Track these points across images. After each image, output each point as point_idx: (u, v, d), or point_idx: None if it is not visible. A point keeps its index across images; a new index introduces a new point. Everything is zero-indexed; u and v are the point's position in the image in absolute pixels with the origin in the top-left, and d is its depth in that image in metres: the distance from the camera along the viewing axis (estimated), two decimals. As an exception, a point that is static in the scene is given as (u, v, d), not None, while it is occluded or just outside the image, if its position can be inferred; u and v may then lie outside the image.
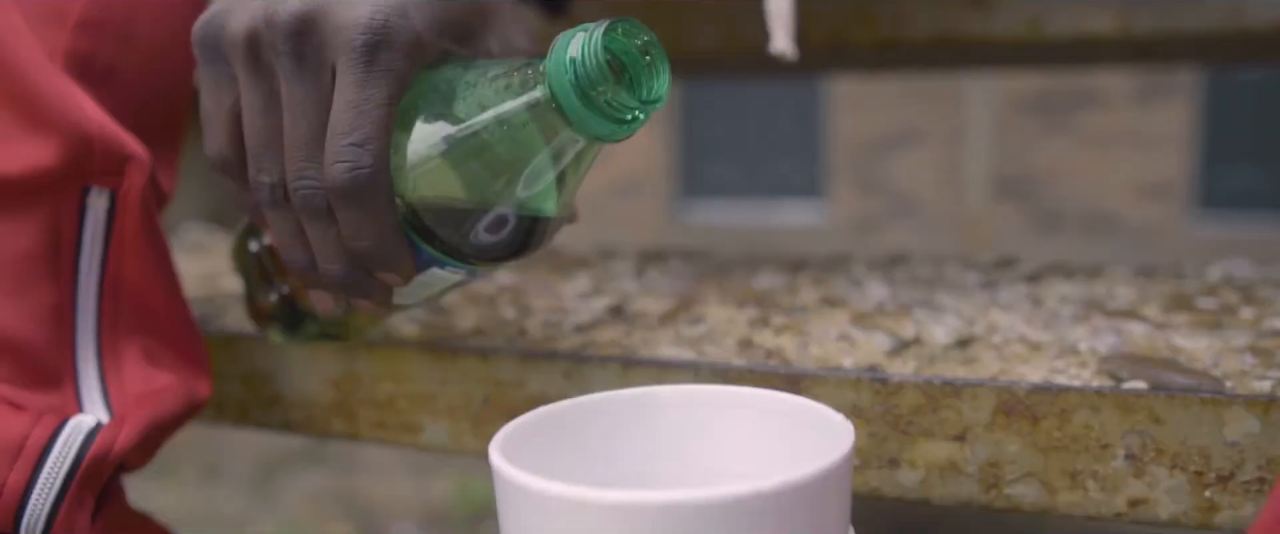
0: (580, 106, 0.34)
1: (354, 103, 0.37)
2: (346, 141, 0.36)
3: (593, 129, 0.35)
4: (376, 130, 0.37)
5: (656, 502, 0.26)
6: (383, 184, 0.37)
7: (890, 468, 0.43)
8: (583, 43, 0.34)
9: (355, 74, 0.37)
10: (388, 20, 0.37)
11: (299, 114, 0.38)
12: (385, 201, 0.38)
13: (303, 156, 0.38)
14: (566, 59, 0.34)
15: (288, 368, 0.53)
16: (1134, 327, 0.49)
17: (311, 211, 0.39)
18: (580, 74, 0.34)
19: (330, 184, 0.37)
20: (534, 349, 0.48)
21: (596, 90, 0.34)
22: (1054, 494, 0.41)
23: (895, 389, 0.42)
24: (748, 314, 0.53)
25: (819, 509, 0.28)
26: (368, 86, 0.37)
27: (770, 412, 0.35)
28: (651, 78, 0.36)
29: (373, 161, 0.37)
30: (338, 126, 0.37)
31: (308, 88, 0.38)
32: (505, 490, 0.29)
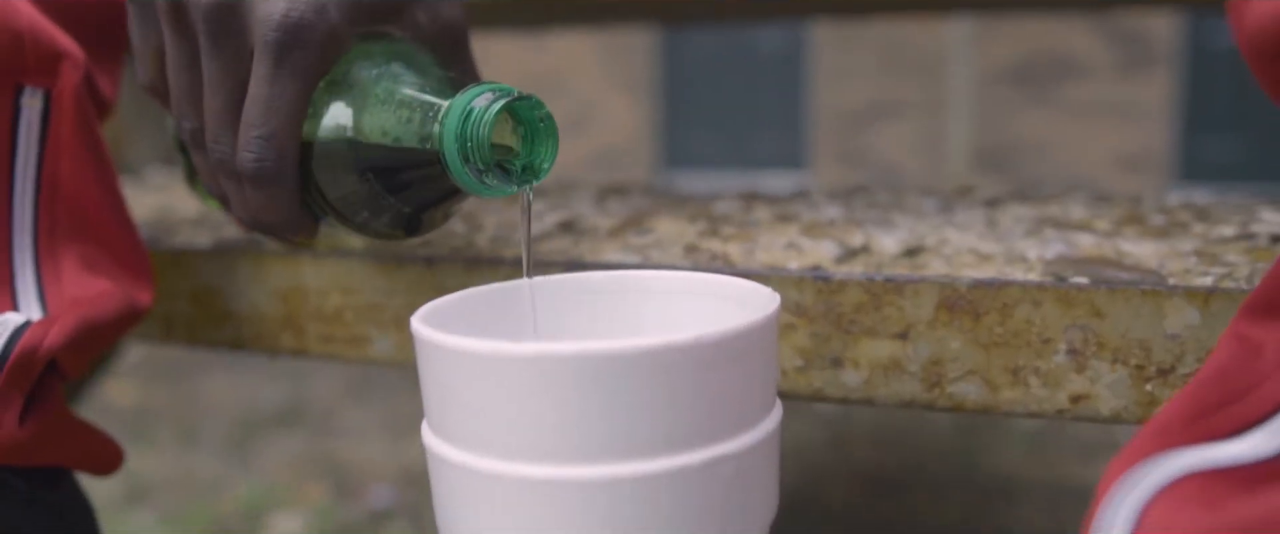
0: (461, 170, 0.35)
1: (264, 97, 0.38)
2: (255, 133, 0.38)
3: (470, 188, 0.36)
4: (284, 125, 0.38)
5: (568, 352, 0.26)
6: (288, 174, 0.39)
7: (833, 368, 0.42)
8: (475, 115, 0.35)
9: (267, 69, 0.38)
10: (303, 18, 0.38)
11: (215, 88, 0.39)
12: (289, 188, 0.40)
13: (217, 126, 0.40)
14: (457, 125, 0.35)
15: (236, 283, 0.52)
16: (1083, 237, 0.49)
17: (224, 173, 0.41)
18: (468, 146, 0.35)
19: (239, 167, 0.39)
20: (477, 255, 0.47)
21: (477, 162, 0.35)
22: (996, 391, 0.41)
23: (838, 287, 0.42)
24: (698, 227, 0.53)
25: (735, 369, 0.28)
26: (278, 83, 0.38)
27: (701, 293, 0.35)
28: (538, 150, 0.36)
29: (278, 156, 0.39)
30: (248, 117, 0.38)
31: (224, 67, 0.39)
32: (425, 356, 0.29)
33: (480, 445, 0.28)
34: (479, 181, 0.35)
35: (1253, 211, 0.56)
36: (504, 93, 0.35)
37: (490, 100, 0.34)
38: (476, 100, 0.35)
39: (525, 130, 0.36)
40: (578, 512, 0.27)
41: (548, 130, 0.36)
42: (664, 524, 0.27)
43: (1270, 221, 0.52)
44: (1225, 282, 0.39)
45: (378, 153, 0.38)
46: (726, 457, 0.28)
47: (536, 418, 0.27)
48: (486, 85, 0.35)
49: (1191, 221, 0.53)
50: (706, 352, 0.27)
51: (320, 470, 1.83)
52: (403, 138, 0.37)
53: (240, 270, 0.52)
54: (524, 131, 0.36)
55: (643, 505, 0.27)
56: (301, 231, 0.42)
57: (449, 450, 0.29)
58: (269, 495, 1.72)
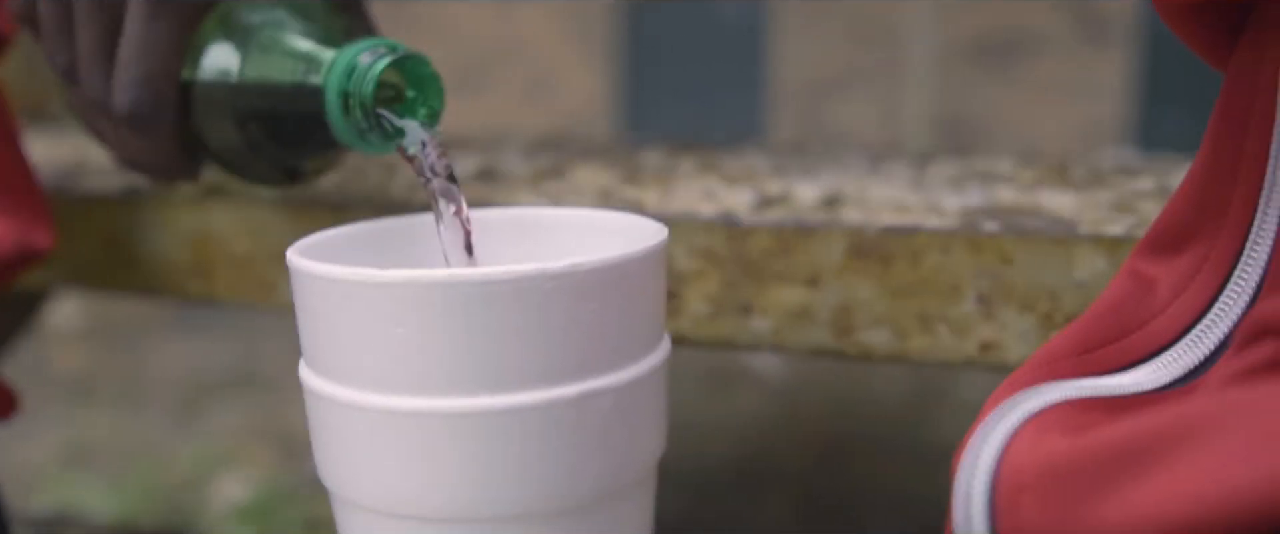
0: (343, 125, 0.34)
1: (140, 37, 0.36)
2: (130, 75, 0.37)
3: (351, 143, 0.35)
4: (161, 67, 0.37)
5: (436, 279, 0.25)
6: (165, 118, 0.38)
7: (742, 315, 0.42)
8: (360, 71, 0.33)
9: (143, 7, 0.36)
10: None
11: (86, 23, 0.38)
12: (167, 132, 0.38)
13: (89, 63, 0.38)
14: (340, 80, 0.34)
15: (145, 229, 0.51)
16: (1003, 189, 0.48)
17: (97, 112, 0.39)
18: (350, 102, 0.33)
19: (114, 110, 0.37)
20: (392, 199, 0.46)
21: (359, 119, 0.34)
22: (906, 339, 0.41)
23: (747, 233, 0.41)
24: (616, 175, 0.52)
25: (613, 301, 0.27)
26: (155, 21, 0.36)
27: (591, 229, 0.34)
28: (424, 106, 0.35)
29: (155, 99, 0.37)
30: (123, 57, 0.37)
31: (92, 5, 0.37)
32: (296, 285, 0.28)
33: (349, 377, 0.27)
34: (360, 138, 0.34)
35: (1175, 166, 0.55)
36: (390, 49, 0.34)
37: (375, 56, 0.33)
38: (362, 55, 0.33)
39: (413, 87, 0.35)
40: (448, 445, 0.26)
41: (434, 88, 0.34)
42: (537, 458, 0.27)
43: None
44: (1136, 230, 0.39)
45: (259, 101, 0.36)
46: (603, 390, 0.27)
47: (403, 347, 0.26)
48: (373, 40, 0.34)
49: (1114, 176, 0.53)
50: (581, 280, 0.26)
51: (268, 435, 1.81)
52: (285, 88, 0.35)
53: (149, 216, 0.51)
54: (411, 88, 0.35)
55: (514, 439, 0.26)
56: (180, 175, 0.41)
57: (319, 383, 0.28)
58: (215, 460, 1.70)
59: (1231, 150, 0.26)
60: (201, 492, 1.57)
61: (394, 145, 0.34)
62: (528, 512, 0.27)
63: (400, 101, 0.34)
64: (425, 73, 0.34)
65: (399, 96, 0.34)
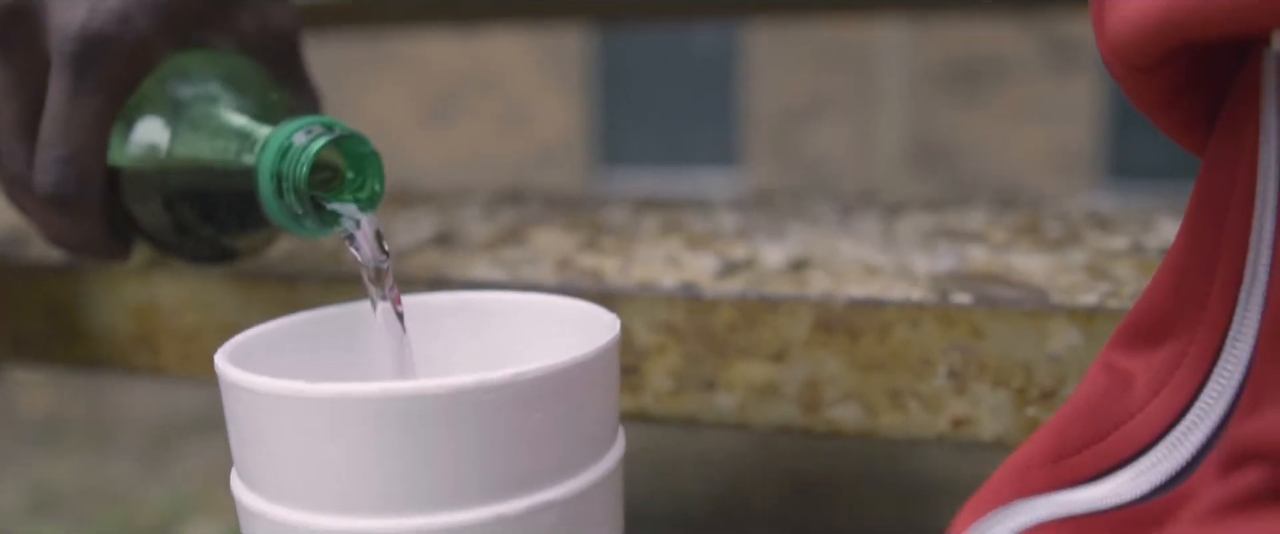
0: (276, 208, 0.32)
1: (63, 114, 0.34)
2: (53, 155, 0.34)
3: (286, 226, 0.33)
4: (86, 146, 0.35)
5: (368, 393, 0.23)
6: (91, 198, 0.36)
7: (707, 391, 0.40)
8: (293, 152, 0.31)
9: (66, 83, 0.34)
10: (103, 28, 0.34)
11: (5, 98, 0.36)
12: (93, 213, 0.36)
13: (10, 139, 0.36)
14: (273, 161, 0.31)
15: (89, 300, 0.49)
16: (975, 249, 0.47)
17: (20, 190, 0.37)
18: (283, 185, 0.31)
19: (36, 190, 0.35)
20: (341, 272, 0.45)
21: (293, 203, 0.31)
22: (876, 415, 0.39)
23: (710, 306, 0.40)
24: (577, 239, 0.50)
25: (560, 409, 0.25)
26: (78, 98, 0.34)
27: (541, 316, 0.33)
28: (364, 188, 0.33)
29: (79, 180, 0.35)
30: (46, 136, 0.35)
31: (14, 76, 0.35)
32: (225, 395, 0.26)
33: (280, 493, 0.25)
34: (295, 221, 0.32)
35: (1151, 220, 0.54)
36: (326, 127, 0.32)
37: (310, 135, 0.31)
38: (296, 135, 0.31)
39: (351, 167, 0.33)
40: (384, 568, 0.24)
41: (374, 168, 0.32)
42: (482, 580, 0.25)
43: (1164, 233, 0.50)
44: (1110, 299, 0.38)
45: (190, 181, 0.34)
46: (550, 504, 0.25)
47: (336, 465, 0.24)
48: (310, 118, 0.32)
49: (1088, 231, 0.52)
50: (525, 390, 0.24)
51: (238, 478, 1.78)
52: (216, 168, 0.33)
53: (93, 287, 0.49)
54: (350, 168, 0.33)
55: (457, 560, 0.24)
56: (109, 255, 0.39)
57: (252, 499, 0.26)
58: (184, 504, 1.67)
59: (1209, 240, 0.25)
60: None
61: (326, 229, 0.32)
62: (472, 635, 0.25)
63: (338, 183, 0.32)
64: (364, 152, 0.32)
65: (337, 177, 0.32)
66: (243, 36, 0.38)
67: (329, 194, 0.32)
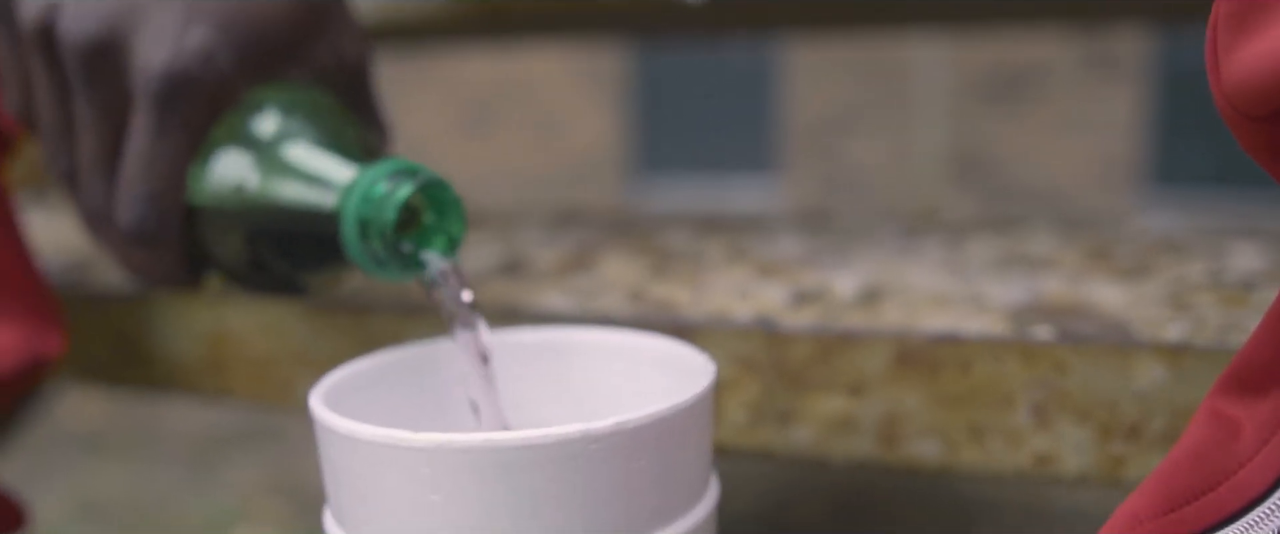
0: (360, 253, 0.32)
1: (147, 152, 0.35)
2: (136, 192, 0.35)
3: (367, 270, 0.33)
4: (167, 183, 0.35)
5: (471, 443, 0.23)
6: (170, 234, 0.36)
7: (782, 424, 0.40)
8: (378, 199, 0.31)
9: (149, 122, 0.34)
10: (188, 69, 0.34)
11: (88, 132, 0.36)
12: (171, 245, 0.37)
13: (91, 173, 0.36)
14: (358, 206, 0.32)
15: (158, 328, 0.49)
16: (1048, 278, 0.47)
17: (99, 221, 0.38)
18: (369, 231, 0.31)
19: (119, 224, 0.36)
20: (413, 304, 0.45)
21: (378, 249, 0.32)
22: (956, 451, 0.39)
23: (787, 340, 0.39)
24: (645, 266, 0.50)
25: (661, 456, 0.25)
26: (162, 138, 0.34)
27: (634, 357, 0.32)
28: (444, 231, 0.33)
29: (160, 216, 0.35)
30: (129, 173, 0.35)
31: (97, 113, 0.35)
32: (321, 437, 0.26)
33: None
34: (376, 265, 0.32)
35: (1222, 245, 0.54)
36: (410, 173, 0.32)
37: (396, 183, 0.31)
38: (382, 182, 0.31)
39: (432, 211, 0.33)
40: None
41: (455, 214, 0.32)
42: (582, 629, 0.25)
43: (1238, 259, 0.50)
44: (1196, 336, 0.37)
45: (270, 219, 0.34)
46: (653, 552, 0.25)
47: (439, 513, 0.24)
48: (394, 163, 0.32)
49: (1160, 257, 0.51)
50: (628, 439, 0.24)
51: (281, 489, 1.79)
52: (299, 209, 0.33)
53: (162, 315, 0.49)
54: (430, 212, 0.33)
55: (558, 609, 0.24)
56: (182, 285, 0.39)
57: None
58: (227, 515, 1.68)
59: None
60: (216, 552, 1.55)
61: (410, 273, 0.32)
62: None
63: (417, 225, 0.32)
64: (447, 198, 0.32)
65: (415, 219, 0.32)
66: (317, 70, 0.39)
67: (409, 236, 0.32)
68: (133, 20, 0.34)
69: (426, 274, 0.31)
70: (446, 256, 0.32)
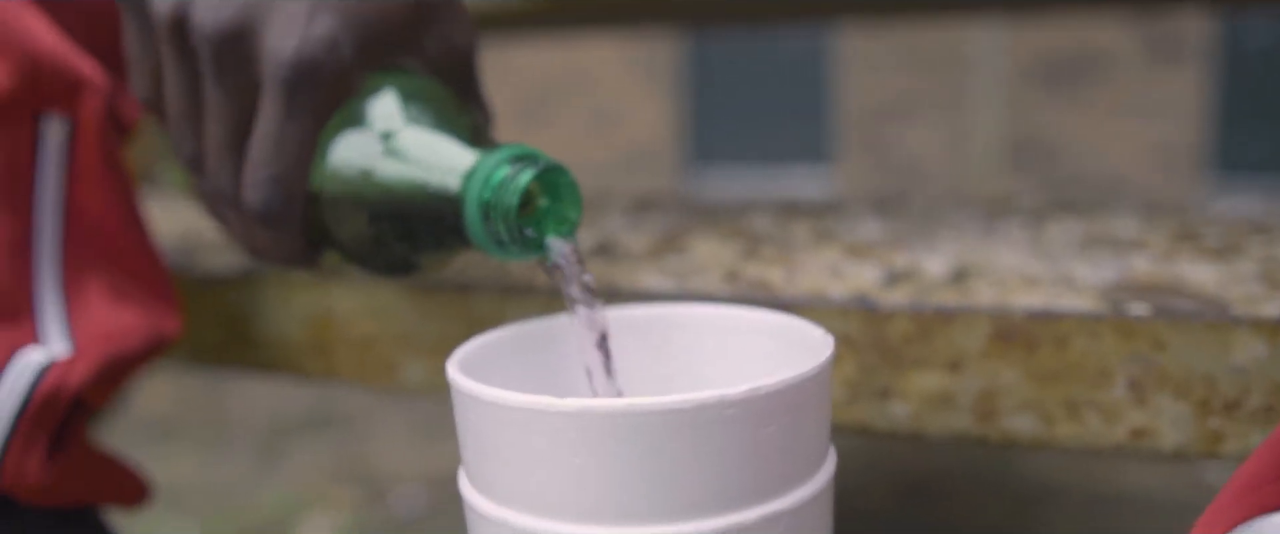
0: (482, 235, 0.33)
1: (274, 136, 0.36)
2: (264, 173, 0.37)
3: (487, 251, 0.34)
4: (293, 164, 0.37)
5: (615, 408, 0.24)
6: (294, 214, 0.38)
7: (880, 400, 0.41)
8: (501, 183, 0.33)
9: (277, 107, 0.36)
10: (315, 56, 0.36)
11: (217, 118, 0.38)
12: (295, 226, 0.38)
13: (218, 157, 0.38)
14: (481, 190, 0.33)
15: (264, 309, 0.51)
16: (1137, 258, 0.47)
17: (224, 203, 0.39)
18: (492, 214, 0.33)
19: (245, 205, 0.37)
20: (511, 283, 0.46)
21: (500, 231, 0.33)
22: (1052, 425, 0.39)
23: (885, 317, 0.40)
24: (736, 248, 0.51)
25: (790, 421, 0.26)
26: (289, 122, 0.36)
27: (753, 331, 0.34)
28: (561, 214, 0.34)
29: (286, 197, 0.37)
30: (257, 154, 0.37)
31: (227, 97, 0.37)
32: (462, 405, 0.28)
33: (519, 501, 0.26)
34: (497, 246, 0.33)
35: (1312, 227, 0.54)
36: (531, 159, 0.33)
37: (519, 168, 0.33)
38: (505, 166, 0.33)
39: (547, 194, 0.34)
40: (625, 575, 0.25)
41: (572, 198, 0.34)
42: (714, 586, 0.26)
43: (1332, 240, 0.50)
44: (1294, 311, 0.37)
45: (392, 202, 0.36)
46: (780, 514, 0.26)
47: (579, 476, 0.25)
48: (513, 148, 0.34)
49: (1246, 236, 0.51)
50: (761, 405, 0.25)
51: (349, 476, 1.82)
52: (420, 192, 0.35)
53: (268, 296, 0.51)
54: (545, 196, 0.34)
55: (692, 567, 0.25)
56: (302, 265, 0.41)
57: (486, 504, 0.28)
58: (298, 500, 1.71)
59: None
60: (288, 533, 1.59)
61: (529, 255, 0.33)
62: (704, 639, 0.26)
63: (532, 208, 0.34)
64: (563, 182, 0.33)
65: (531, 202, 0.34)
66: (430, 59, 0.40)
67: (527, 219, 0.33)
68: (262, 12, 0.36)
69: (549, 256, 0.33)
70: (565, 238, 0.33)
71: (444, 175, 0.34)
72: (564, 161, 0.36)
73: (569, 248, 0.33)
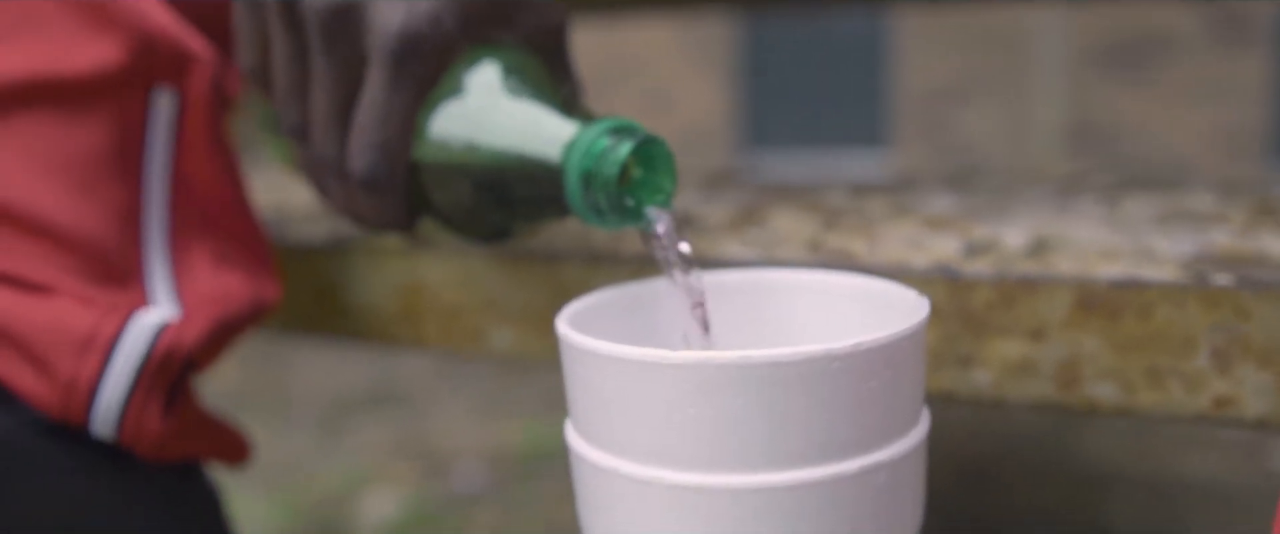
0: (582, 204, 0.35)
1: (380, 106, 0.38)
2: (369, 140, 0.38)
3: (587, 220, 0.35)
4: (397, 133, 0.39)
5: (729, 360, 0.26)
6: (398, 181, 0.39)
7: (962, 368, 0.42)
8: (602, 154, 0.34)
9: (384, 78, 0.38)
10: (420, 30, 0.38)
11: (324, 88, 0.40)
12: (398, 192, 0.40)
13: (324, 126, 0.40)
14: (582, 161, 0.34)
15: (354, 277, 0.53)
16: (1216, 232, 0.47)
17: (328, 171, 0.41)
18: (593, 184, 0.34)
19: (350, 172, 0.39)
20: (596, 252, 0.47)
21: (601, 201, 0.34)
22: (1134, 393, 0.40)
23: (968, 286, 0.41)
24: (814, 221, 0.52)
25: (890, 376, 0.27)
26: (395, 91, 0.38)
27: (843, 295, 0.35)
28: (656, 184, 0.35)
29: (390, 164, 0.39)
30: (362, 122, 0.39)
31: (335, 69, 0.39)
32: (574, 360, 0.29)
33: (633, 451, 0.28)
34: (596, 215, 0.35)
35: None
36: (629, 131, 0.34)
37: (619, 139, 0.34)
38: (605, 137, 0.34)
39: (642, 165, 0.35)
40: (732, 520, 0.27)
41: (668, 168, 0.35)
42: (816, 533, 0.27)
43: None
44: (1379, 282, 0.38)
45: (490, 169, 0.37)
46: (880, 465, 0.28)
47: (692, 425, 0.26)
48: (612, 120, 0.35)
49: (1328, 214, 0.51)
50: (864, 359, 0.26)
51: (411, 452, 1.86)
52: (518, 159, 0.36)
53: (358, 265, 0.53)
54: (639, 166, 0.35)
55: (794, 515, 0.27)
56: (401, 230, 0.42)
57: (598, 455, 0.29)
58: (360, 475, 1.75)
59: None
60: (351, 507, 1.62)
61: (625, 223, 0.35)
62: (804, 585, 0.27)
63: (628, 178, 0.35)
64: (659, 153, 0.35)
65: (626, 173, 0.35)
66: (525, 33, 0.41)
67: (624, 189, 0.35)
68: None
69: (648, 225, 0.34)
70: (662, 207, 0.34)
71: (544, 146, 0.35)
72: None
73: (667, 216, 0.34)
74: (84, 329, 0.40)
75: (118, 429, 0.41)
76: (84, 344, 0.40)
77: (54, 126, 0.42)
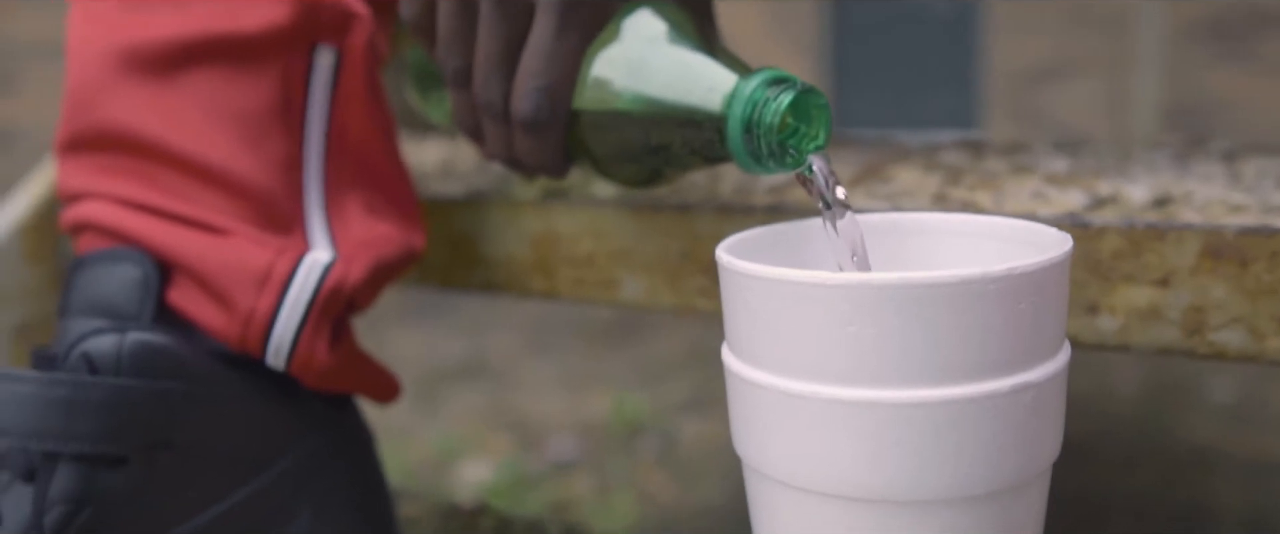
0: (743, 153, 0.37)
1: (546, 49, 0.40)
2: (535, 83, 0.41)
3: (746, 167, 0.38)
4: (562, 76, 0.41)
5: (891, 281, 0.28)
6: (559, 124, 0.42)
7: (1089, 315, 0.43)
8: (764, 104, 0.36)
9: (552, 21, 0.40)
10: None
11: (492, 33, 0.42)
12: (558, 135, 0.42)
13: (489, 70, 0.42)
14: (745, 110, 0.36)
15: (489, 230, 0.56)
16: (1344, 187, 0.48)
17: (490, 116, 0.43)
18: (755, 133, 0.36)
19: (514, 114, 0.42)
20: (725, 202, 0.49)
21: (762, 149, 0.36)
22: (1261, 340, 0.41)
23: (1096, 234, 0.42)
24: (937, 177, 0.54)
25: (1039, 301, 0.29)
26: (562, 36, 0.40)
27: (985, 235, 0.36)
28: (812, 132, 0.37)
29: (553, 107, 0.41)
30: (529, 65, 0.41)
31: (505, 16, 0.42)
32: (736, 286, 0.31)
33: (793, 369, 0.30)
34: (756, 162, 0.37)
35: None
36: (788, 83, 0.36)
37: (780, 89, 0.36)
38: (767, 87, 0.36)
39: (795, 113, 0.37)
40: (893, 433, 0.29)
41: (823, 119, 0.37)
42: (970, 446, 0.29)
43: None
44: None
45: (650, 116, 0.39)
46: (1028, 385, 0.29)
47: (853, 343, 0.28)
48: (771, 71, 0.37)
49: None
50: (1017, 283, 0.28)
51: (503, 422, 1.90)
52: (678, 107, 0.39)
53: (493, 218, 0.56)
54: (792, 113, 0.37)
55: (953, 428, 0.29)
56: (555, 174, 0.45)
57: (757, 374, 0.31)
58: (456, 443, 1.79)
59: None
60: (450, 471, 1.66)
61: (782, 168, 0.37)
62: (954, 496, 0.29)
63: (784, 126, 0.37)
64: (817, 103, 0.36)
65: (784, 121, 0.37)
66: None
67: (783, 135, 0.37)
68: None
69: (807, 170, 0.36)
70: (818, 154, 0.36)
71: (706, 94, 0.38)
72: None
73: (824, 161, 0.36)
74: (261, 267, 0.43)
75: (289, 359, 0.44)
76: (262, 281, 0.43)
77: (227, 82, 0.45)
